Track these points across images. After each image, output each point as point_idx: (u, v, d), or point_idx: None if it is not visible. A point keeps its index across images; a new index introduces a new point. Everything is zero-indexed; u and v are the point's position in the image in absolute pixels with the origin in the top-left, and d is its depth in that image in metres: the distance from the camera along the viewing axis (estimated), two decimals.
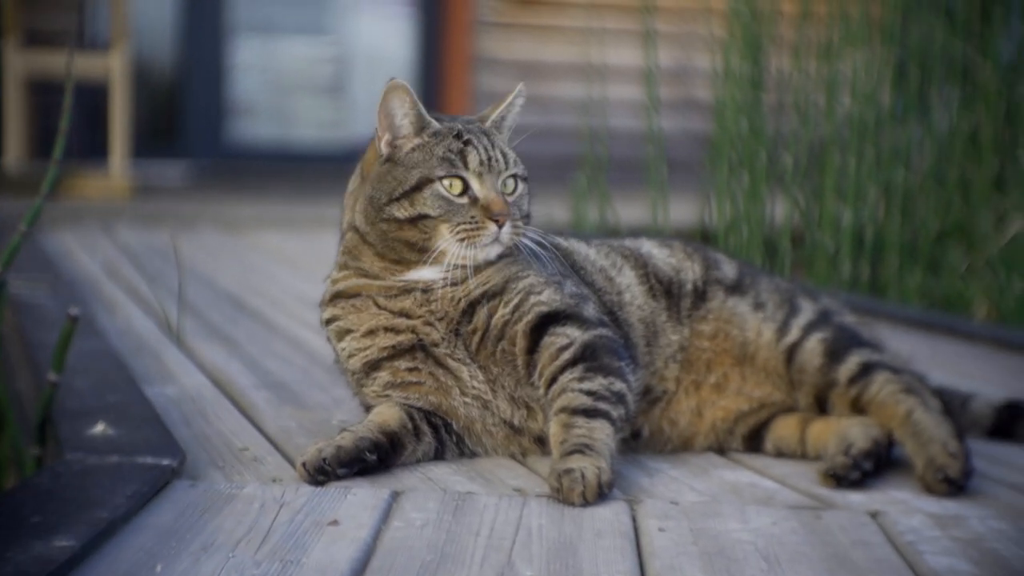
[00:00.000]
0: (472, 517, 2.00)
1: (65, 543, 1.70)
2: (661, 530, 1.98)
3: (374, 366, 2.35)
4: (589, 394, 2.19)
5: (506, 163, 2.33)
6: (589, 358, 2.24)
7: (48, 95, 7.31)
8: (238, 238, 6.24)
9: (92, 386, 2.62)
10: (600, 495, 2.06)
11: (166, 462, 2.10)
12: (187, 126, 9.23)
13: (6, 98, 7.22)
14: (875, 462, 2.30)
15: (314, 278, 2.48)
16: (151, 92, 9.27)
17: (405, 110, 2.33)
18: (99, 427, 2.27)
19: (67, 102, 2.70)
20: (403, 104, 2.32)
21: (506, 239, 2.29)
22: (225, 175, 8.89)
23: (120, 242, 5.71)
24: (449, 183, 2.28)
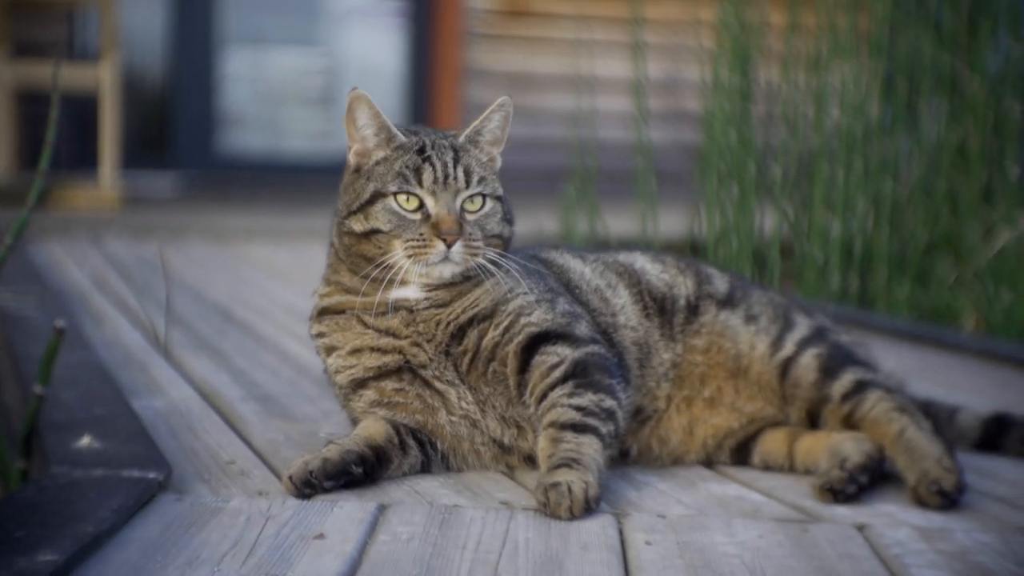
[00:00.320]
0: (459, 530, 1.99)
1: (49, 557, 1.69)
2: (648, 543, 1.98)
3: (360, 384, 2.34)
4: (578, 409, 2.19)
5: (468, 181, 2.29)
6: (580, 375, 2.24)
7: (38, 106, 7.29)
8: (227, 249, 6.23)
9: (79, 399, 2.61)
10: (587, 509, 2.06)
11: (152, 475, 2.10)
12: (177, 137, 9.23)
13: None
14: (870, 476, 2.30)
15: (304, 290, 2.48)
16: (141, 103, 9.27)
17: (367, 120, 2.32)
18: (85, 440, 2.26)
19: (53, 114, 2.70)
20: (365, 114, 2.32)
21: (458, 258, 2.25)
22: (215, 186, 8.89)
23: (109, 254, 5.70)
24: (405, 198, 2.26)
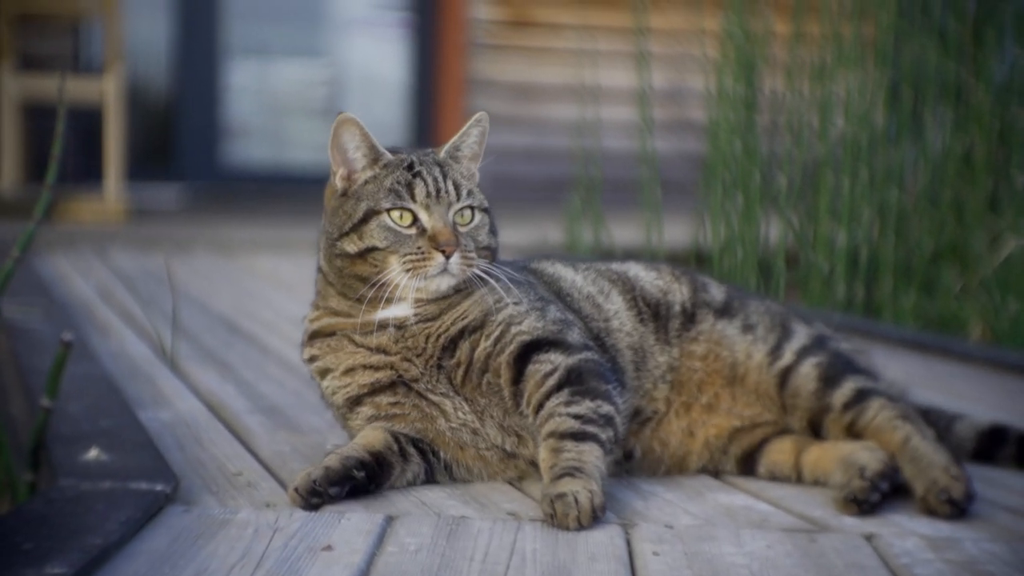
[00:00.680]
0: (466, 542, 1.99)
1: (57, 570, 1.69)
2: (655, 554, 1.97)
3: (356, 401, 2.35)
4: (576, 418, 2.19)
5: (458, 194, 2.31)
6: (575, 382, 2.23)
7: (43, 119, 7.32)
8: (232, 261, 6.24)
9: (86, 411, 2.61)
10: (594, 518, 2.05)
11: (160, 487, 2.10)
12: (182, 149, 9.24)
13: (1, 122, 7.23)
14: (890, 483, 2.28)
15: (308, 301, 2.49)
16: (146, 115, 9.28)
17: (356, 143, 2.33)
18: (92, 452, 2.27)
19: (59, 127, 2.71)
20: (354, 137, 2.33)
21: (455, 270, 2.26)
22: (220, 198, 8.90)
23: (114, 266, 5.71)
24: (399, 214, 2.27)
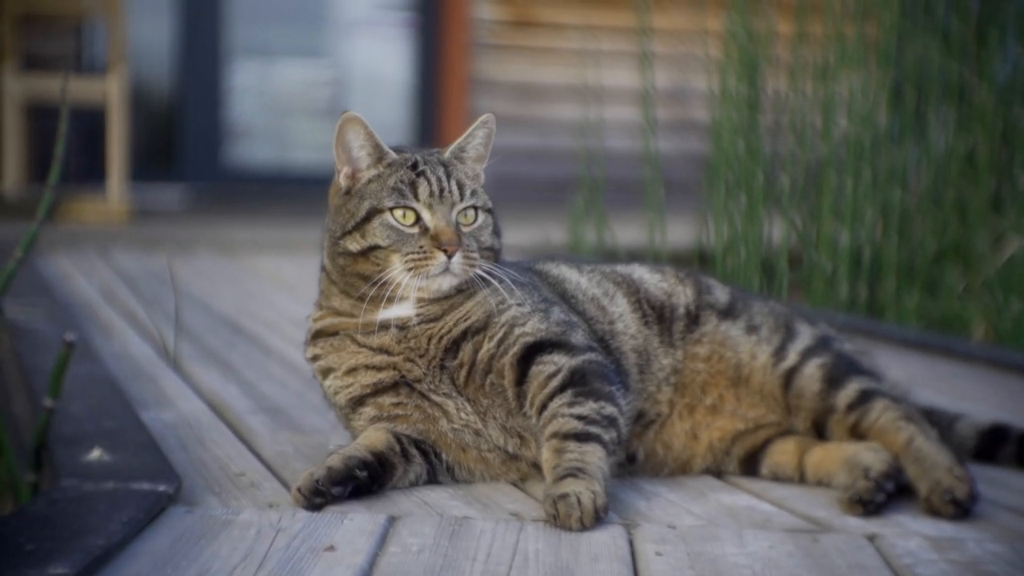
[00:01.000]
0: (469, 542, 1.99)
1: (60, 571, 1.69)
2: (658, 554, 1.97)
3: (359, 402, 2.35)
4: (580, 418, 2.18)
5: (461, 194, 2.31)
6: (578, 383, 2.23)
7: (46, 119, 7.32)
8: (235, 262, 6.24)
9: (88, 411, 2.61)
10: (597, 519, 2.05)
11: (162, 488, 2.10)
12: (185, 150, 9.24)
13: (4, 123, 7.24)
14: (895, 483, 2.28)
15: (311, 302, 2.49)
16: (149, 116, 9.29)
17: (361, 141, 2.33)
18: (95, 453, 2.27)
19: (62, 128, 2.71)
20: (358, 136, 2.33)
21: (457, 269, 2.26)
22: (223, 198, 8.90)
23: (117, 266, 5.71)
24: (402, 213, 2.27)
